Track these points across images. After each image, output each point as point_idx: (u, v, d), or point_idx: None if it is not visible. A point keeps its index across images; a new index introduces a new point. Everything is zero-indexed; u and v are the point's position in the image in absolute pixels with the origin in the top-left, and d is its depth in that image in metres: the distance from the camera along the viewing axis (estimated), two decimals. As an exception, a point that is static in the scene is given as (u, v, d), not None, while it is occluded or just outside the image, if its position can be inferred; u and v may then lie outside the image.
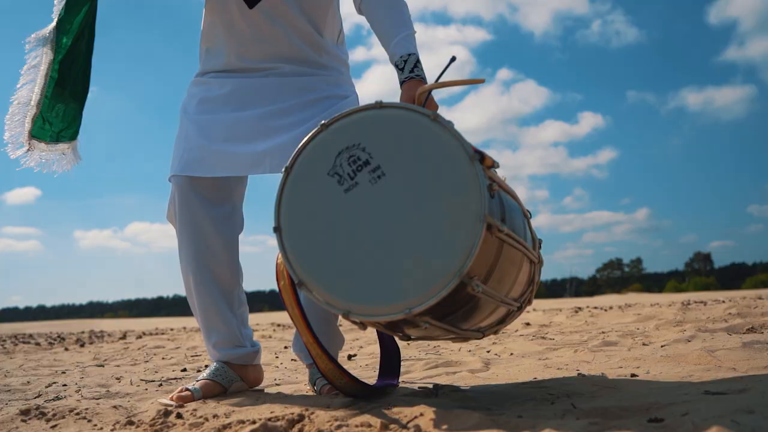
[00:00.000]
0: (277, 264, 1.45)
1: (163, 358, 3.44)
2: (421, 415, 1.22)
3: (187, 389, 1.69)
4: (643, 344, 2.53)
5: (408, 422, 1.19)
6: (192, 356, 3.48)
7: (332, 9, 1.83)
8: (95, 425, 1.47)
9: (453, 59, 1.49)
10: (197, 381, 1.75)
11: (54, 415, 1.57)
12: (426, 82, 1.62)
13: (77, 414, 1.57)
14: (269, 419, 1.22)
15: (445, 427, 1.11)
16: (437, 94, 1.53)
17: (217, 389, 1.74)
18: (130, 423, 1.42)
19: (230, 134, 1.73)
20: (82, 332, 9.07)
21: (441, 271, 1.13)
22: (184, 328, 9.42)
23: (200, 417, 1.39)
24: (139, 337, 6.59)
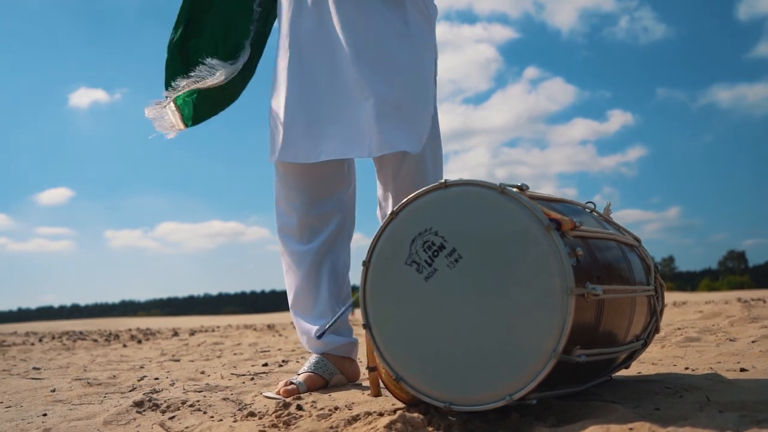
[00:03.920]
0: (368, 350, 1.41)
1: (234, 354, 3.48)
2: (551, 407, 1.22)
3: (291, 383, 1.71)
4: (729, 340, 2.48)
5: (543, 412, 1.18)
6: (261, 351, 3.52)
7: None
8: (212, 417, 1.48)
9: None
10: (299, 374, 1.76)
11: (168, 407, 1.59)
12: None
13: (191, 406, 1.59)
14: (407, 410, 1.22)
15: (589, 419, 1.10)
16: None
17: (319, 382, 1.75)
18: (252, 414, 1.42)
19: (325, 109, 1.70)
20: (129, 329, 9.22)
21: (535, 354, 1.07)
22: (230, 325, 9.54)
23: (322, 409, 1.40)
24: (192, 334, 6.68)
